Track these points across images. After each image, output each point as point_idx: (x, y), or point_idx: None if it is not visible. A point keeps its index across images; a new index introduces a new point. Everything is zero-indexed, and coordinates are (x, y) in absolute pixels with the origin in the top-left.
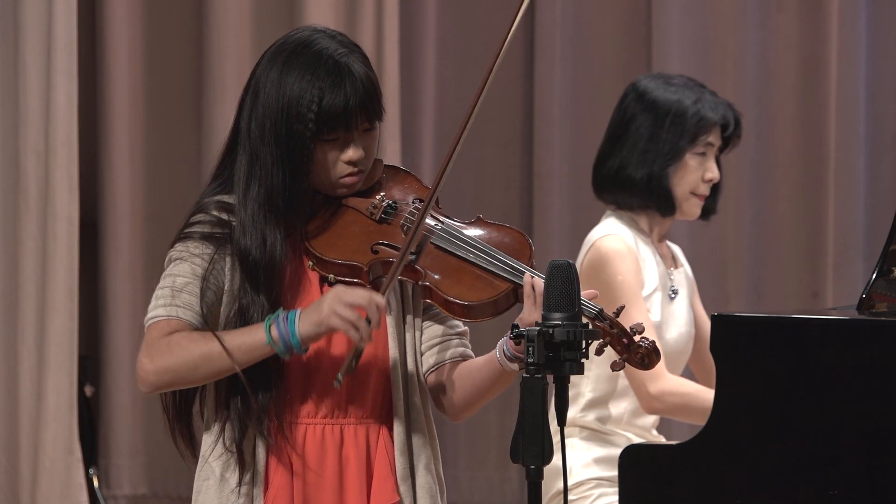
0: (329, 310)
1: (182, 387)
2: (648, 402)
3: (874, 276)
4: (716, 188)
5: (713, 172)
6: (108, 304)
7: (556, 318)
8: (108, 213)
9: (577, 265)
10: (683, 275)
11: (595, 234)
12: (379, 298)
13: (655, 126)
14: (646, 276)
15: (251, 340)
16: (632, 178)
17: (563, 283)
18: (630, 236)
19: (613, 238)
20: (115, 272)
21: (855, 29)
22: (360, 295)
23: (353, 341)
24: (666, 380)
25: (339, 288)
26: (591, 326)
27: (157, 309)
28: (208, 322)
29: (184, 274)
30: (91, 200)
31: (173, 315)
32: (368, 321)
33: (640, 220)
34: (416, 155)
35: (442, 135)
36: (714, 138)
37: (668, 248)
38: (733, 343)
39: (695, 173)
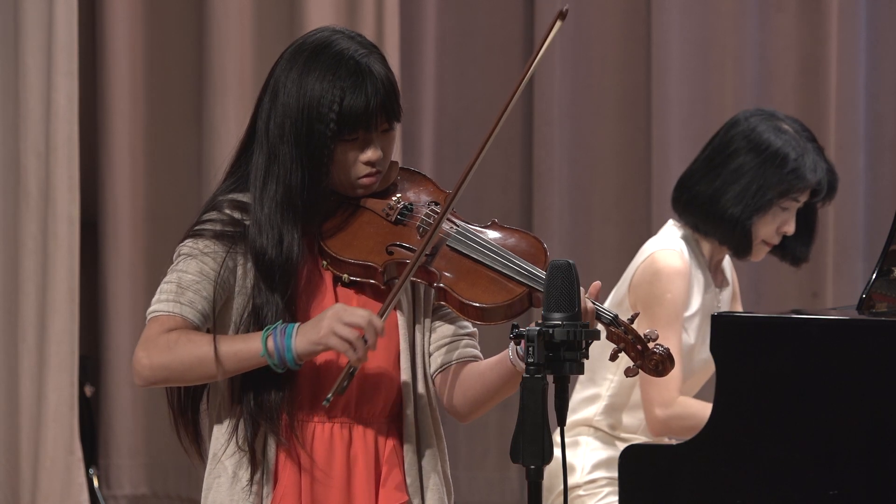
0: (328, 329)
1: (175, 384)
2: (654, 425)
3: (874, 276)
4: (809, 237)
5: (789, 227)
6: (108, 304)
7: (556, 318)
8: (108, 213)
9: (630, 270)
10: (729, 292)
11: (654, 245)
12: (377, 320)
13: (755, 170)
14: (691, 297)
15: (246, 349)
16: (721, 213)
17: (563, 283)
18: (688, 254)
19: (673, 255)
20: (115, 272)
21: (855, 29)
22: (360, 315)
23: (350, 361)
24: (675, 406)
25: (339, 307)
26: (605, 332)
27: (161, 303)
28: (210, 321)
29: (191, 271)
30: (91, 200)
31: (176, 312)
32: (365, 341)
33: (704, 245)
34: (417, 155)
35: (442, 135)
36: (803, 197)
37: (722, 269)
38: (733, 343)
39: (773, 224)
